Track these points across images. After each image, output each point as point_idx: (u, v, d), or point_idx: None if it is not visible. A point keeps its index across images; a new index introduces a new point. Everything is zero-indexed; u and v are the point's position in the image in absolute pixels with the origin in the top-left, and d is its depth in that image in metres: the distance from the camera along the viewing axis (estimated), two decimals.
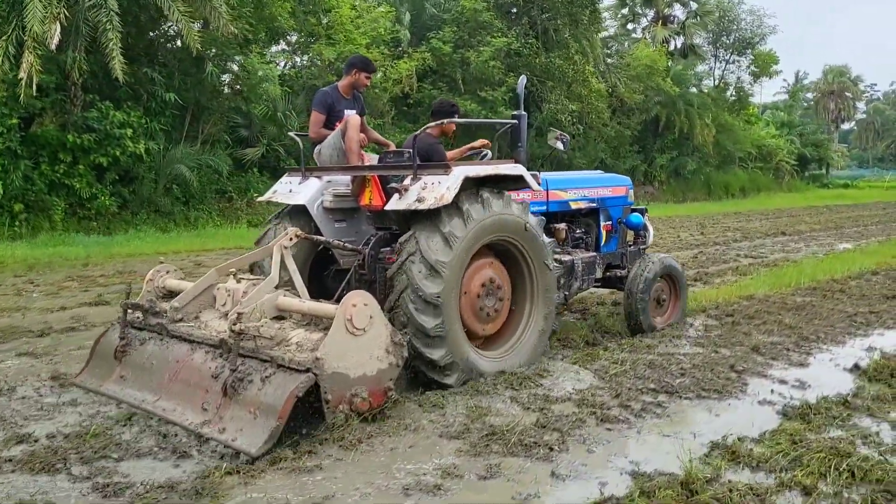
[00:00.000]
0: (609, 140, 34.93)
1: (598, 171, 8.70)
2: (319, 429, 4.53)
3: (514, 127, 6.96)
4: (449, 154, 6.84)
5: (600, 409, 4.97)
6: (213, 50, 20.19)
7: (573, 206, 7.40)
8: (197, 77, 20.04)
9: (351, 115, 6.51)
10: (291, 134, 7.32)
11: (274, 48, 26.12)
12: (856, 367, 5.94)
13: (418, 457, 4.27)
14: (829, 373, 5.99)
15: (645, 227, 8.08)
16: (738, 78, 44.01)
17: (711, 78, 43.73)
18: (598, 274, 7.48)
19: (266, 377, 4.51)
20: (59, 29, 15.59)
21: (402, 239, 5.58)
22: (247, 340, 4.75)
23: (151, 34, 20.26)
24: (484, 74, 26.68)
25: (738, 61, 43.57)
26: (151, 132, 19.66)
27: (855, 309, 8.39)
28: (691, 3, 41.22)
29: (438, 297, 5.28)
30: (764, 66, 44.33)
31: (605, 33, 38.35)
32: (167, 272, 5.99)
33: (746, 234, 18.45)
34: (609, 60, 37.36)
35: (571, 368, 6.03)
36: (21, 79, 15.48)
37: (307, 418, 4.61)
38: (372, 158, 6.89)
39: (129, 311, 5.65)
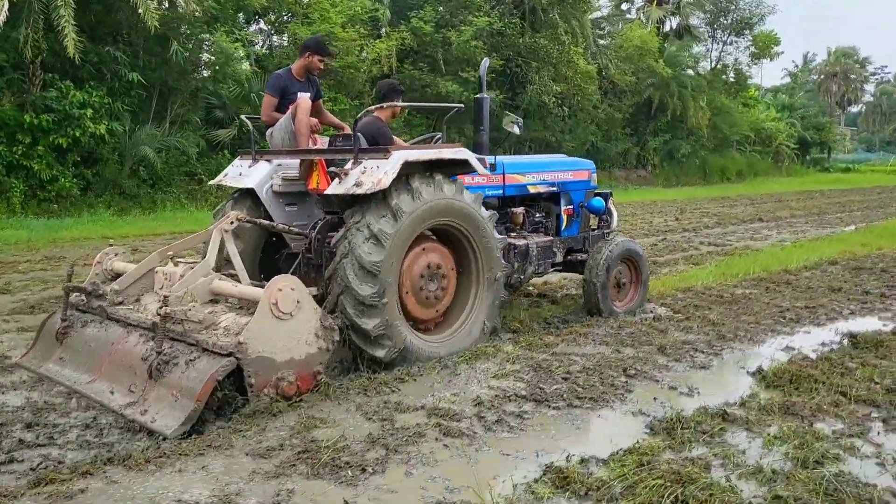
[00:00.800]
0: (600, 123, 34.28)
1: (561, 155, 8.63)
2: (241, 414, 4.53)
3: (478, 110, 7.11)
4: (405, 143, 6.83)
5: (449, 421, 4.49)
6: (184, 29, 19.66)
7: (532, 189, 7.34)
8: (163, 57, 19.52)
9: (302, 98, 6.42)
10: (243, 117, 7.24)
11: (253, 27, 25.72)
12: (759, 370, 5.46)
13: (201, 483, 3.68)
14: (728, 377, 5.52)
15: (608, 212, 7.99)
16: (736, 59, 43.12)
17: (708, 59, 42.88)
18: (558, 258, 7.45)
19: (190, 360, 4.57)
20: (5, 5, 15.13)
21: (348, 213, 5.61)
22: (176, 324, 4.80)
23: (119, 14, 19.71)
24: (465, 55, 26.05)
25: (737, 42, 42.65)
26: (115, 113, 19.24)
27: (791, 303, 7.89)
28: None
29: (378, 265, 5.32)
30: (764, 47, 43.33)
31: (596, 13, 37.61)
32: (115, 255, 6.00)
33: (722, 220, 17.92)
34: (602, 42, 36.69)
35: (453, 369, 5.56)
36: None
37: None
38: (324, 142, 6.83)
39: (72, 293, 5.66)
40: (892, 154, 68.14)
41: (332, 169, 5.91)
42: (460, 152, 5.90)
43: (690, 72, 39.74)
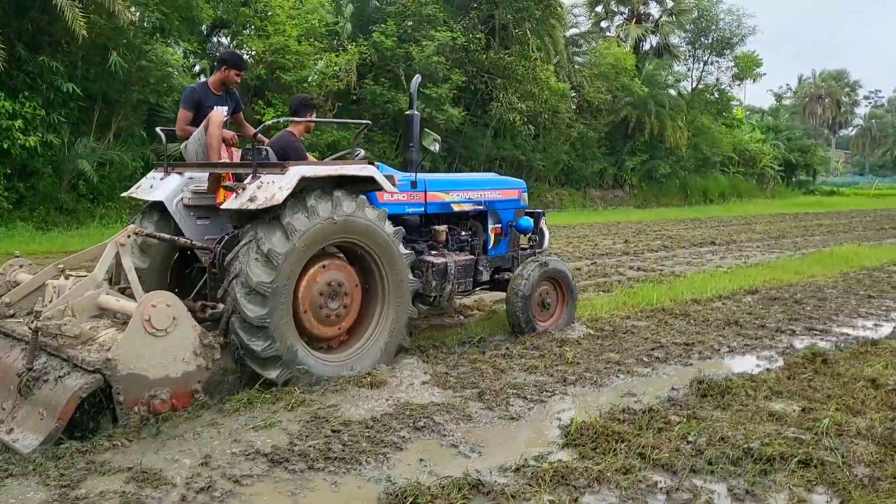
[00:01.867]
0: (573, 142, 33.73)
1: (491, 174, 8.56)
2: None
3: (408, 127, 7.26)
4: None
5: (152, 488, 3.84)
6: (124, 39, 19.11)
7: (455, 207, 7.31)
8: (102, 67, 18.97)
9: (213, 112, 6.40)
10: (158, 129, 7.10)
11: (214, 40, 25.23)
12: (568, 425, 4.81)
13: None
14: (532, 432, 4.84)
15: (540, 231, 7.99)
16: (717, 80, 42.61)
17: (689, 79, 42.38)
18: (485, 277, 7.46)
19: (60, 377, 4.43)
20: None
21: (241, 231, 5.54)
22: (52, 339, 4.68)
23: (56, 23, 19.19)
24: (427, 70, 25.50)
25: (718, 62, 42.16)
26: (53, 125, 18.69)
27: (671, 339, 7.26)
28: (667, 0, 39.87)
29: (267, 287, 5.20)
30: (746, 68, 42.91)
31: (573, 30, 37.23)
32: (20, 266, 5.91)
33: (673, 243, 17.26)
34: (578, 59, 36.26)
35: (220, 413, 4.91)
36: None
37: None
38: (240, 156, 6.68)
39: None
40: (880, 178, 67.59)
41: (229, 183, 5.90)
42: (365, 169, 5.84)
43: (672, 91, 39.28)
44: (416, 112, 7.38)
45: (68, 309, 4.95)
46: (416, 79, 7.92)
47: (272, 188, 5.31)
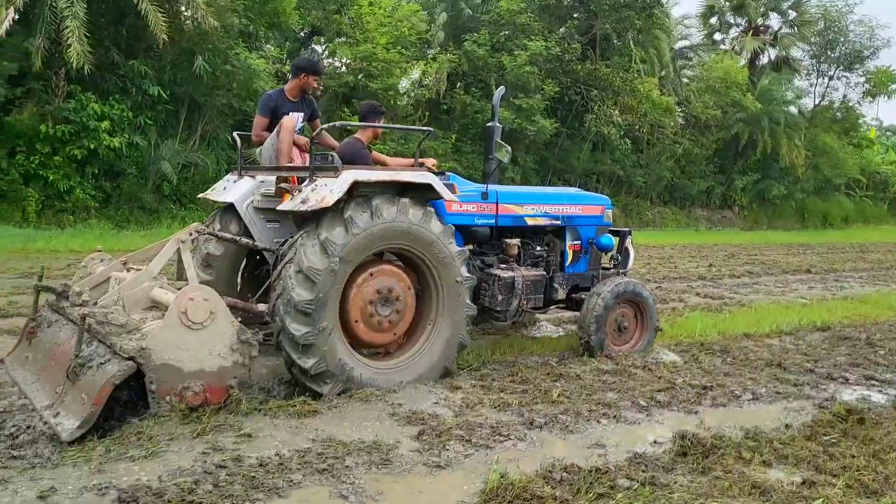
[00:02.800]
0: (678, 158, 32.09)
1: (574, 189, 8.18)
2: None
3: (488, 138, 7.15)
4: (393, 161, 6.99)
5: None
6: (210, 45, 19.44)
7: (529, 221, 7.06)
8: (189, 72, 19.34)
9: (286, 119, 6.46)
10: (235, 134, 7.20)
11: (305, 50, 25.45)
12: (486, 482, 4.00)
13: None
14: (447, 486, 4.02)
15: (625, 251, 7.72)
16: (845, 96, 39.67)
17: (812, 95, 39.67)
18: (560, 295, 7.22)
19: (101, 363, 4.49)
20: (10, 15, 15.22)
21: (286, 244, 5.59)
22: (101, 326, 4.73)
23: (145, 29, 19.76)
24: (520, 80, 24.82)
25: (846, 77, 39.26)
26: (140, 127, 19.21)
27: (689, 380, 6.24)
28: (790, 11, 37.44)
29: (310, 304, 5.16)
30: (879, 84, 39.75)
31: (682, 42, 35.56)
32: (101, 260, 5.99)
33: (760, 270, 15.81)
34: (688, 72, 34.62)
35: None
36: None
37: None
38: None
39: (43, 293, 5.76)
40: None
41: (283, 185, 6.05)
42: (422, 176, 5.71)
43: (791, 108, 36.85)
44: (497, 124, 7.24)
45: (120, 299, 5.07)
46: (500, 90, 7.74)
47: (324, 191, 5.31)
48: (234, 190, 6.39)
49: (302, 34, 24.84)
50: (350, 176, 5.36)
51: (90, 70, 16.79)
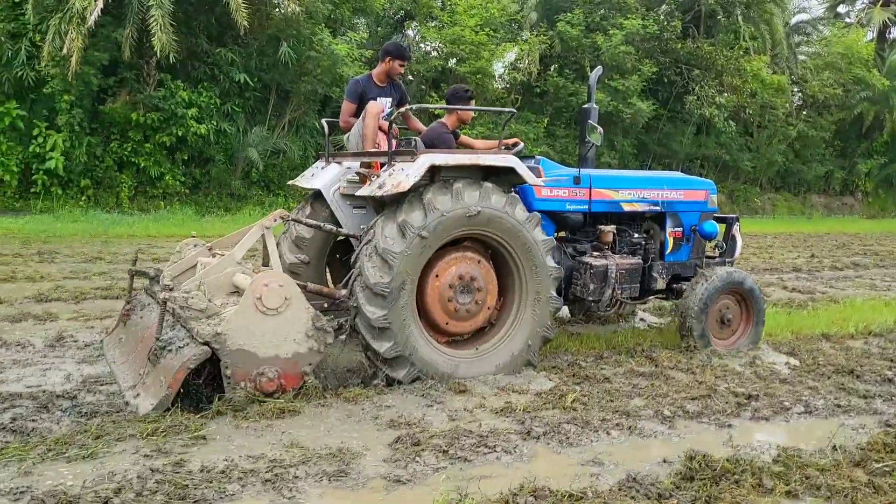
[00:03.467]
0: (791, 141, 30.01)
1: (676, 173, 7.76)
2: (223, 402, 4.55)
3: (583, 121, 6.90)
4: (480, 144, 6.87)
5: None
6: (293, 30, 19.47)
7: (626, 207, 6.77)
8: (275, 58, 19.44)
9: (371, 104, 6.39)
10: (323, 121, 7.14)
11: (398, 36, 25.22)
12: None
13: None
14: None
15: (731, 239, 7.31)
16: None
17: None
18: (659, 284, 6.88)
19: (179, 347, 4.57)
20: (99, 6, 15.63)
21: (367, 226, 5.54)
22: (183, 311, 4.80)
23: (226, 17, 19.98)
24: (615, 61, 23.73)
25: None
26: (229, 114, 19.49)
27: (735, 386, 5.45)
28: None
29: (387, 287, 5.11)
30: None
31: (800, 16, 33.19)
32: (194, 245, 6.06)
33: (869, 262, 14.37)
34: (807, 49, 32.30)
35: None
36: (69, 56, 15.74)
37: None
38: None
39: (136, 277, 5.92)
40: None
41: (361, 170, 6.05)
42: (505, 159, 5.51)
43: None
44: (593, 105, 6.99)
45: (202, 284, 5.11)
46: (597, 71, 7.46)
47: (400, 175, 5.24)
48: (322, 176, 6.37)
49: (393, 19, 24.64)
50: (427, 160, 5.25)
51: (177, 58, 17.12)
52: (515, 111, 6.67)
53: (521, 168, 5.59)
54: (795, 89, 30.13)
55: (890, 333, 7.63)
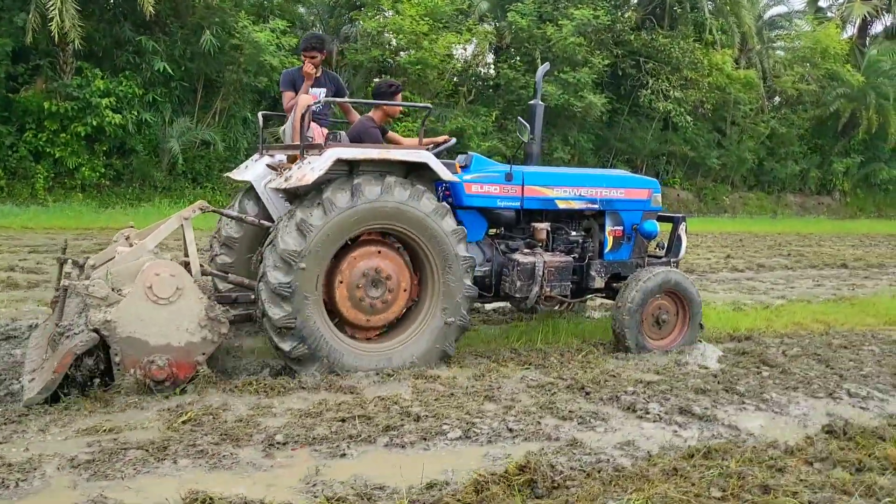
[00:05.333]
0: (761, 138, 29.10)
1: (620, 171, 7.77)
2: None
3: (530, 117, 6.90)
4: (407, 142, 6.79)
5: None
6: (217, 18, 18.96)
7: (561, 204, 6.72)
8: (198, 47, 18.91)
9: (300, 97, 6.43)
10: (259, 114, 7.30)
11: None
12: None
13: None
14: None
15: (677, 239, 7.26)
16: None
17: None
18: (597, 283, 6.86)
19: (75, 333, 4.63)
20: None
21: (272, 227, 5.65)
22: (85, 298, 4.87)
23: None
24: (566, 53, 23.00)
25: None
26: (154, 104, 18.98)
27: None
28: None
29: (287, 288, 5.16)
30: None
31: (777, 9, 32.21)
32: (126, 237, 6.02)
33: (786, 263, 13.61)
34: (783, 43, 31.38)
35: None
36: None
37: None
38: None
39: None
40: None
41: (271, 162, 6.13)
42: (417, 155, 5.60)
43: None
44: (539, 102, 7.02)
45: (109, 273, 5.08)
46: (544, 67, 7.49)
47: (306, 169, 5.29)
48: (254, 169, 6.39)
49: (329, 3, 23.87)
50: (333, 154, 5.29)
51: (83, 45, 16.67)
52: (431, 107, 6.70)
53: (435, 163, 5.61)
54: (766, 85, 29.17)
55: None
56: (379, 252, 5.60)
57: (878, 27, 34.19)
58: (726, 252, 15.02)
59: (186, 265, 5.32)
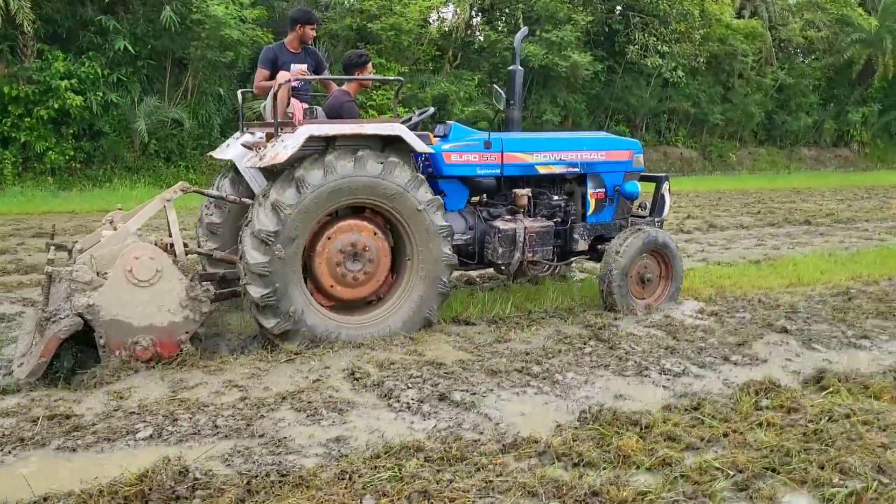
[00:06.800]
0: (768, 91, 27.84)
1: (599, 133, 7.80)
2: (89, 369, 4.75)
3: (510, 84, 6.92)
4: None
5: None
6: None
7: (541, 170, 6.76)
8: (161, 24, 18.59)
9: (281, 73, 6.44)
10: (239, 92, 7.13)
11: None
12: None
13: None
14: None
15: (660, 199, 7.31)
16: None
17: None
18: (580, 246, 6.93)
19: (61, 318, 4.74)
20: None
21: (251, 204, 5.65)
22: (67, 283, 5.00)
23: None
24: (548, 11, 22.16)
25: None
26: (123, 83, 18.78)
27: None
28: None
29: (266, 267, 5.24)
30: None
31: None
32: (110, 221, 6.04)
33: (750, 221, 12.89)
34: None
35: None
36: None
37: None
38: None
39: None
40: None
41: (244, 141, 6.12)
42: (391, 128, 5.62)
43: None
44: (518, 67, 6.98)
45: (92, 257, 5.22)
46: (522, 32, 7.50)
47: (279, 147, 5.32)
48: (235, 147, 6.37)
49: None
50: (306, 130, 5.30)
51: (34, 27, 16.41)
52: (403, 80, 6.62)
53: (408, 135, 5.62)
54: (775, 35, 27.85)
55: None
56: (357, 226, 5.64)
57: None
58: (690, 211, 14.28)
59: (171, 246, 5.47)
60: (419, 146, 5.71)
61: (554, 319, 6.34)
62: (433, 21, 22.83)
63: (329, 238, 5.56)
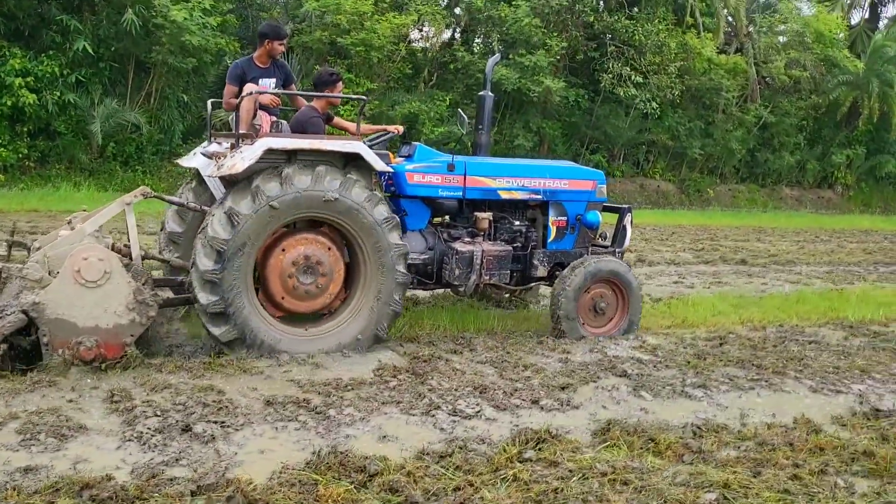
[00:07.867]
0: (754, 128, 27.48)
1: (563, 161, 8.00)
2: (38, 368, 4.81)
3: (479, 108, 7.14)
4: (356, 129, 6.69)
5: None
6: None
7: (504, 195, 6.86)
8: (121, 26, 18.43)
9: (247, 86, 6.47)
10: (209, 102, 7.04)
11: None
12: None
13: None
14: None
15: (622, 230, 7.39)
16: None
17: None
18: (540, 272, 6.99)
19: (8, 315, 4.76)
20: None
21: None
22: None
23: None
24: (522, 35, 21.95)
25: None
26: (84, 84, 18.59)
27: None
28: None
29: (216, 274, 5.28)
30: None
31: None
32: (73, 220, 6.00)
33: (691, 259, 12.52)
34: (782, 27, 29.62)
35: None
36: None
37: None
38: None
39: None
40: None
41: (205, 151, 6.26)
42: (351, 146, 5.70)
43: None
44: (489, 93, 7.17)
45: (46, 256, 5.23)
46: (495, 58, 7.73)
47: (237, 158, 5.39)
48: (200, 155, 6.44)
49: None
50: (263, 143, 5.37)
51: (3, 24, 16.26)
52: (367, 98, 6.94)
53: (368, 154, 5.71)
54: (759, 72, 27.55)
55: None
56: (312, 239, 5.69)
57: (890, 11, 32.02)
58: (633, 244, 13.92)
59: (127, 248, 5.50)
60: (378, 165, 5.78)
61: (391, 345, 6.01)
62: (416, 40, 22.64)
63: (283, 250, 5.59)
